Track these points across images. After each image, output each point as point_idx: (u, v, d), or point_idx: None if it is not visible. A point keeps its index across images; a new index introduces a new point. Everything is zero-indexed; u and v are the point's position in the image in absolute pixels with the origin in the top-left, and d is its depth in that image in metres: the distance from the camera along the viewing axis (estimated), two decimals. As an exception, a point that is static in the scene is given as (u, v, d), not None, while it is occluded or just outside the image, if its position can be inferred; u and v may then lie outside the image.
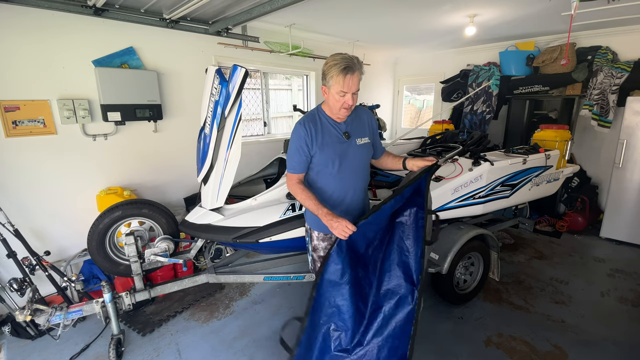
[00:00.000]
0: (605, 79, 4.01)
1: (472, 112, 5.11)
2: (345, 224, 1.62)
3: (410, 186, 1.80)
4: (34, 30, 2.79)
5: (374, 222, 1.79)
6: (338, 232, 1.63)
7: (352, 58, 1.67)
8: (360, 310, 1.81)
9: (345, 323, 1.77)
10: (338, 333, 1.79)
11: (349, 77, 1.65)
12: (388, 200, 1.75)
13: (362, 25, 4.19)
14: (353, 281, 1.78)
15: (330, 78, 1.69)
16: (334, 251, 1.75)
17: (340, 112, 1.78)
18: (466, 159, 2.81)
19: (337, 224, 1.63)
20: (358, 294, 1.81)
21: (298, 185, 1.81)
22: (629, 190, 3.97)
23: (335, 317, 1.79)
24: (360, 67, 1.70)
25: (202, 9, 3.23)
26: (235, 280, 2.55)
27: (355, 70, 1.67)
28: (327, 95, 1.77)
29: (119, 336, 2.34)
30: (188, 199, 3.80)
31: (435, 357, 2.34)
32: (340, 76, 1.65)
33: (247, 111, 4.69)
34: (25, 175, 2.90)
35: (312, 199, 1.75)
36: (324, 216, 1.69)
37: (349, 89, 1.67)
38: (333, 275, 1.77)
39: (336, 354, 1.78)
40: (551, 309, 2.84)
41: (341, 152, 1.83)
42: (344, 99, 1.70)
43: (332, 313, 1.79)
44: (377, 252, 1.90)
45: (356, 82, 1.69)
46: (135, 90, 3.27)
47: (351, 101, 1.71)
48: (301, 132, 1.78)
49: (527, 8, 3.50)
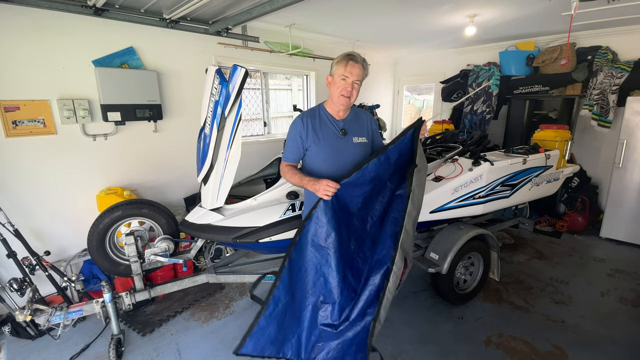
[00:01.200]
0: (605, 79, 4.01)
1: (472, 112, 5.11)
2: (327, 182, 1.68)
3: (395, 144, 1.80)
4: (34, 30, 2.79)
5: (358, 182, 1.78)
6: (322, 192, 1.70)
7: (358, 54, 1.84)
8: (350, 284, 1.76)
9: (332, 295, 1.73)
10: (326, 306, 1.75)
11: (352, 64, 1.79)
12: (371, 159, 1.76)
13: (362, 25, 4.19)
14: (339, 248, 1.74)
15: (335, 64, 1.85)
16: (317, 210, 1.74)
17: (340, 100, 1.84)
18: (466, 159, 2.81)
19: (318, 185, 1.71)
20: (347, 265, 1.78)
21: (288, 167, 1.95)
22: (629, 190, 3.97)
23: (322, 288, 1.76)
24: (364, 63, 1.84)
25: (202, 9, 3.23)
26: (235, 280, 2.54)
27: (359, 62, 1.81)
28: (331, 85, 1.88)
29: (119, 336, 2.34)
30: (188, 199, 3.80)
31: (435, 357, 2.34)
32: (344, 61, 1.80)
33: (247, 111, 4.69)
34: (25, 175, 2.90)
35: (297, 174, 1.88)
36: (307, 183, 1.79)
37: (350, 74, 1.80)
38: (316, 237, 1.76)
39: (322, 328, 1.74)
40: (551, 309, 2.84)
41: (336, 148, 1.90)
42: (345, 83, 1.81)
43: (319, 283, 1.76)
44: (376, 228, 1.87)
45: (358, 71, 1.81)
46: (135, 90, 3.27)
47: (350, 87, 1.81)
48: (298, 125, 1.91)
49: (527, 8, 3.50)
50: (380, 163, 1.80)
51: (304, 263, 1.79)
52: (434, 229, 3.07)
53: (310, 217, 1.76)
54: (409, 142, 1.84)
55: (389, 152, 1.80)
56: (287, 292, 1.77)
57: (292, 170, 1.92)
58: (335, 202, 1.75)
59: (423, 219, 2.69)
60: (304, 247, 1.79)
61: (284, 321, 1.76)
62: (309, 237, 1.78)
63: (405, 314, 2.78)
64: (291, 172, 1.91)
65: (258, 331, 1.73)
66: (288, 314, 1.77)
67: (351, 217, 1.86)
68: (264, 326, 1.74)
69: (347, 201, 1.82)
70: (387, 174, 1.86)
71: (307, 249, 1.79)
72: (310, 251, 1.78)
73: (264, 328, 1.74)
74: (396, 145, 1.81)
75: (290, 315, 1.78)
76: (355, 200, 1.84)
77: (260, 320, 1.73)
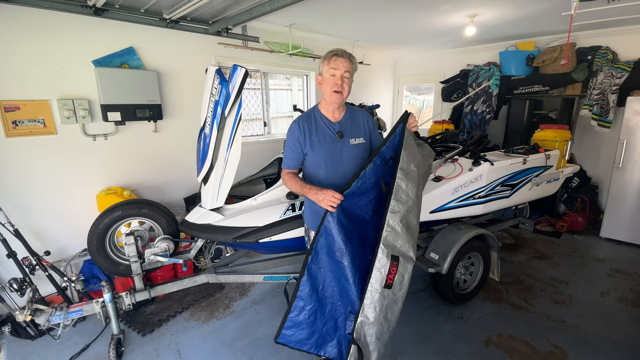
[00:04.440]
0: (605, 79, 4.01)
1: (472, 112, 5.11)
2: (332, 194, 1.65)
3: (387, 145, 1.80)
4: (34, 30, 2.79)
5: (360, 190, 1.77)
6: (325, 203, 1.66)
7: (342, 49, 1.83)
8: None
9: (354, 306, 1.77)
10: (352, 316, 1.81)
11: (335, 58, 1.78)
12: (366, 165, 1.76)
13: (362, 25, 4.19)
14: (353, 260, 1.74)
15: (321, 62, 1.85)
16: (324, 225, 1.73)
17: (333, 97, 1.81)
18: (466, 159, 2.81)
19: (322, 195, 1.67)
20: (365, 277, 1.76)
21: (289, 175, 1.92)
22: (629, 190, 3.97)
23: (346, 298, 1.80)
24: (351, 57, 1.82)
25: (202, 9, 3.23)
26: (235, 280, 2.55)
27: (344, 55, 1.79)
28: (322, 84, 1.86)
29: (119, 336, 2.34)
30: (188, 199, 3.80)
31: (435, 357, 2.34)
32: (328, 57, 1.80)
33: (247, 111, 4.69)
34: (26, 175, 2.90)
35: (298, 181, 1.85)
36: (309, 192, 1.75)
37: (337, 67, 1.77)
38: (330, 250, 1.77)
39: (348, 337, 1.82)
40: (551, 309, 2.84)
41: (334, 151, 1.87)
42: (334, 78, 1.78)
43: (344, 293, 1.80)
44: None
45: (345, 64, 1.78)
46: (135, 90, 3.27)
47: (340, 81, 1.79)
48: (295, 130, 1.88)
49: (527, 8, 3.50)
50: (377, 167, 1.78)
51: (324, 273, 1.82)
52: (434, 229, 3.08)
53: (319, 231, 1.76)
54: (400, 138, 1.82)
55: (383, 153, 1.79)
56: (311, 299, 1.82)
57: (293, 178, 1.88)
58: (342, 215, 1.72)
59: (423, 219, 2.69)
60: (320, 259, 1.80)
61: (314, 324, 1.83)
62: (324, 249, 1.78)
63: (405, 314, 2.78)
64: (292, 180, 1.87)
65: (291, 326, 1.83)
66: (319, 318, 1.83)
67: (365, 226, 1.83)
68: (292, 327, 1.82)
69: (357, 211, 1.80)
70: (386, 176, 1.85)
71: (325, 261, 1.80)
72: (328, 262, 1.79)
73: (293, 328, 1.83)
74: (388, 145, 1.80)
75: (322, 319, 1.84)
76: (365, 209, 1.83)
77: (286, 322, 1.82)
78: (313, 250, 1.78)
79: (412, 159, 1.81)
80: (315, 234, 1.77)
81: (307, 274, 1.79)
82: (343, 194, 1.69)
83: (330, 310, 1.85)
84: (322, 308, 1.83)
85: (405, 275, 1.77)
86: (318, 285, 1.82)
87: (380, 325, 1.73)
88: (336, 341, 1.85)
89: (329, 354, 1.85)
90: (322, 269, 1.81)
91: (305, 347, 1.85)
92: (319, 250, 1.78)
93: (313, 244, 1.77)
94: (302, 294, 1.80)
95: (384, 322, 1.75)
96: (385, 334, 1.77)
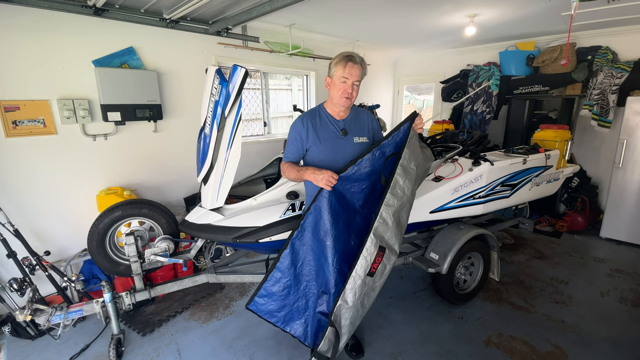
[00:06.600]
0: (605, 79, 4.01)
1: (472, 112, 5.11)
2: (330, 174, 1.71)
3: (389, 139, 1.84)
4: (34, 30, 2.79)
5: (354, 177, 1.82)
6: (324, 182, 1.71)
7: (356, 54, 1.83)
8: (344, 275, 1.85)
9: (328, 285, 1.84)
10: (325, 295, 1.87)
11: (350, 65, 1.80)
12: (365, 153, 1.80)
13: (362, 25, 4.19)
14: (336, 242, 1.80)
15: (333, 65, 1.86)
16: (315, 203, 1.79)
17: (341, 101, 1.85)
18: (466, 159, 2.81)
19: (321, 175, 1.72)
20: (344, 260, 1.84)
21: (287, 164, 1.96)
22: (629, 190, 3.97)
23: (322, 278, 1.86)
24: (363, 63, 1.84)
25: (202, 9, 3.23)
26: (235, 280, 2.54)
27: (358, 62, 1.82)
28: (330, 86, 1.88)
29: (119, 336, 2.34)
30: (188, 199, 3.80)
31: (435, 357, 2.34)
32: (342, 62, 1.81)
33: (247, 111, 4.69)
34: (25, 175, 2.90)
35: (295, 166, 1.89)
36: (306, 173, 1.79)
37: (349, 76, 1.81)
38: (315, 229, 1.83)
39: (319, 315, 1.89)
40: (551, 309, 2.84)
41: (337, 148, 1.91)
42: (345, 85, 1.81)
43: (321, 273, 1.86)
44: None
45: (357, 72, 1.82)
46: (135, 90, 3.27)
47: (350, 89, 1.82)
48: (298, 126, 1.94)
49: (527, 8, 3.50)
50: (375, 158, 1.83)
51: (306, 251, 1.88)
52: (434, 229, 3.08)
53: (309, 209, 1.82)
54: (403, 136, 1.86)
55: (383, 147, 1.83)
56: (288, 272, 1.88)
57: (290, 165, 1.92)
58: (334, 198, 1.78)
59: (423, 219, 2.69)
60: (305, 235, 1.86)
61: (287, 297, 1.90)
62: (310, 227, 1.84)
63: (405, 314, 2.78)
64: (290, 168, 1.91)
65: (264, 295, 1.90)
66: (292, 293, 1.91)
67: (353, 214, 1.89)
68: (265, 295, 1.90)
69: (347, 197, 1.85)
70: (385, 170, 1.88)
71: (308, 239, 1.86)
72: (311, 240, 1.86)
73: (266, 297, 1.90)
74: (390, 140, 1.84)
75: (295, 295, 1.91)
76: (356, 197, 1.88)
77: (261, 290, 1.90)
78: (300, 227, 1.85)
79: (414, 158, 1.86)
80: (305, 211, 1.83)
81: (290, 247, 1.86)
82: (339, 175, 1.76)
83: (304, 288, 1.92)
84: (296, 284, 1.91)
85: (388, 266, 1.86)
86: (297, 261, 1.89)
87: (356, 311, 1.81)
88: (303, 320, 1.92)
89: (295, 331, 1.92)
90: (304, 246, 1.88)
91: (273, 319, 1.91)
92: (305, 228, 1.85)
93: (301, 220, 1.84)
94: (281, 266, 1.87)
95: (360, 308, 1.83)
96: (357, 318, 1.86)
